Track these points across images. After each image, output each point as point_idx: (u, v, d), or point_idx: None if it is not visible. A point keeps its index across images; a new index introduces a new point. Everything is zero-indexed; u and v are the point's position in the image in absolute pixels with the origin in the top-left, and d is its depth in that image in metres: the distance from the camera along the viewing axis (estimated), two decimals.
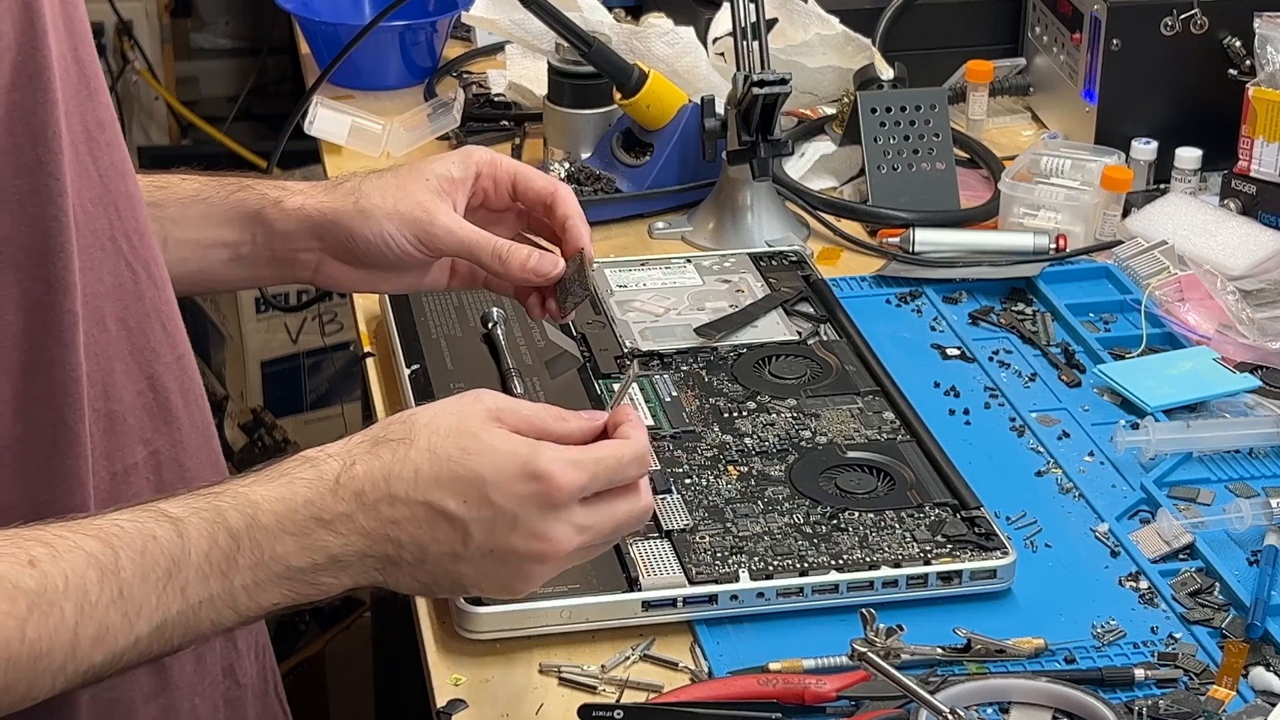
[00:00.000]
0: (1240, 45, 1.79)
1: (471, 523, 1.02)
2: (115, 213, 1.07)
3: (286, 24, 2.94)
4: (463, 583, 1.05)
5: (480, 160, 1.29)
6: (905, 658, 1.15)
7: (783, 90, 1.64)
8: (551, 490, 1.02)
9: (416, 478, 1.02)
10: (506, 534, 1.02)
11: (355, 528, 1.01)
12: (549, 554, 1.04)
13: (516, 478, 1.02)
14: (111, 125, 1.07)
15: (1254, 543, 1.29)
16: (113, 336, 1.07)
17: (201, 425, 1.14)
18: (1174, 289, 1.60)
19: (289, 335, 3.16)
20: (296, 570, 1.00)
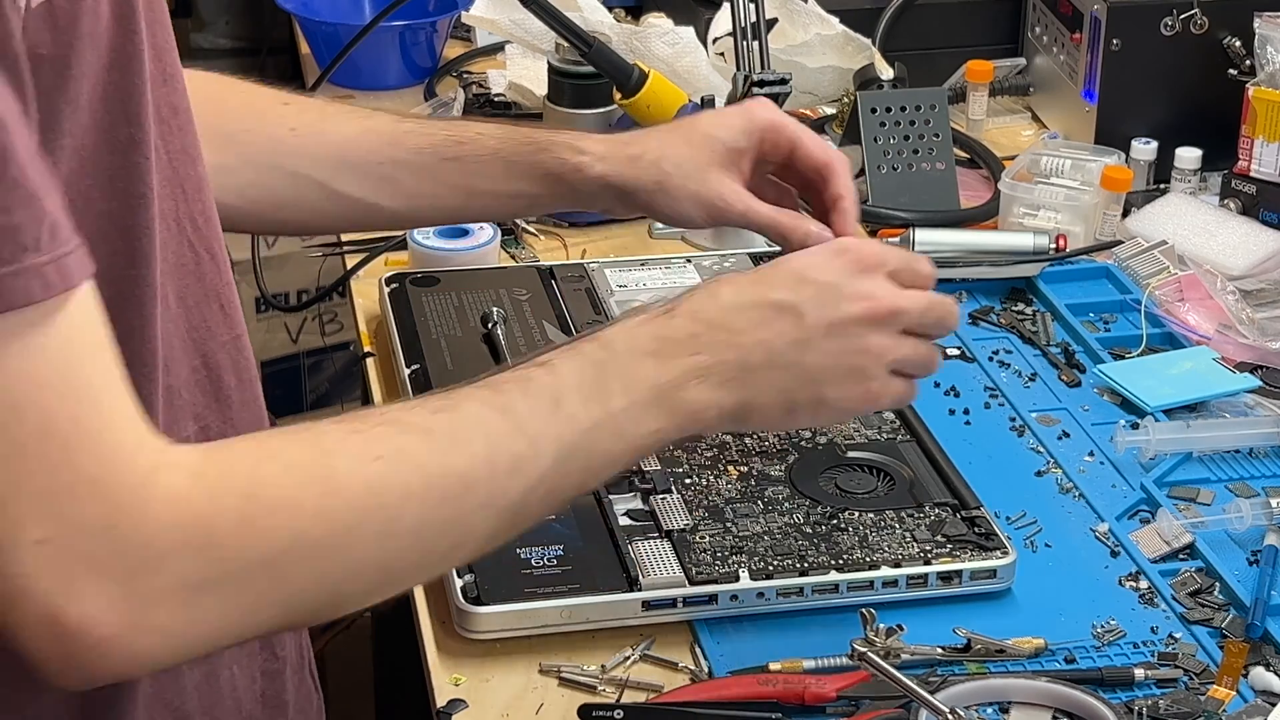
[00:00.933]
0: (1240, 45, 1.79)
1: (802, 303, 1.08)
2: (182, 195, 1.09)
3: (286, 24, 2.94)
4: (817, 380, 1.08)
5: (763, 125, 1.33)
6: (905, 658, 1.15)
7: (783, 90, 1.64)
8: (860, 256, 1.10)
9: (738, 289, 1.09)
10: (835, 303, 1.08)
11: (701, 342, 1.06)
12: (877, 309, 1.09)
13: (825, 255, 1.11)
14: (185, 111, 1.09)
15: (1254, 543, 1.29)
16: (173, 314, 1.09)
17: (253, 405, 1.15)
18: (1174, 289, 1.60)
19: (289, 335, 3.16)
20: (663, 389, 1.04)
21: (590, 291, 1.57)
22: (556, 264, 1.63)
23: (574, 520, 1.26)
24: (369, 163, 1.36)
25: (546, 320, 1.50)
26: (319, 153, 1.37)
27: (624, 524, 1.26)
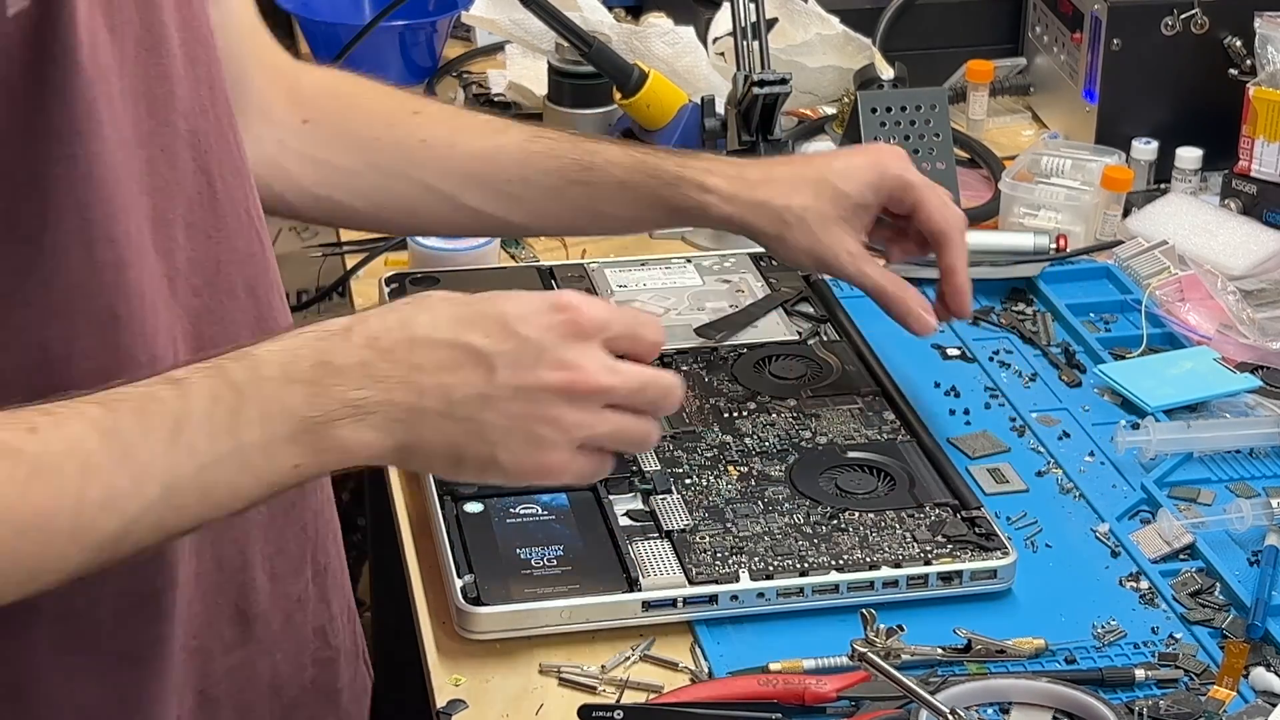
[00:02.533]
0: (1240, 45, 1.79)
1: (497, 356, 0.98)
2: (249, 186, 1.11)
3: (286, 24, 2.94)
4: (490, 439, 0.99)
5: (892, 185, 1.35)
6: (905, 658, 1.15)
7: (783, 90, 1.64)
8: (578, 318, 1.00)
9: (435, 319, 0.99)
10: (533, 365, 0.99)
11: (372, 374, 0.97)
12: (576, 384, 1.00)
13: (541, 310, 1.01)
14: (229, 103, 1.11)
15: (1254, 543, 1.29)
16: (242, 304, 1.09)
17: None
18: (1174, 289, 1.60)
19: None
20: (310, 422, 0.95)
21: (590, 291, 1.56)
22: (556, 264, 1.62)
23: (574, 520, 1.26)
24: (497, 180, 1.37)
25: None
26: (448, 166, 1.37)
27: (624, 524, 1.26)
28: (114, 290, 0.98)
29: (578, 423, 1.01)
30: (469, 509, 1.26)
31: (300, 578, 1.20)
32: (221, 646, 1.14)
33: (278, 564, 1.17)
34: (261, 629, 1.16)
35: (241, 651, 1.16)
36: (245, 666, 1.16)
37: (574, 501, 1.28)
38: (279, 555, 1.17)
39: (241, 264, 1.09)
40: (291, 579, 1.19)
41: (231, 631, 1.14)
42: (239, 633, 1.15)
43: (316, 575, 1.22)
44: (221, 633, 1.13)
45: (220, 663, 1.14)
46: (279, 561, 1.17)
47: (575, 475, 1.03)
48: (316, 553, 1.22)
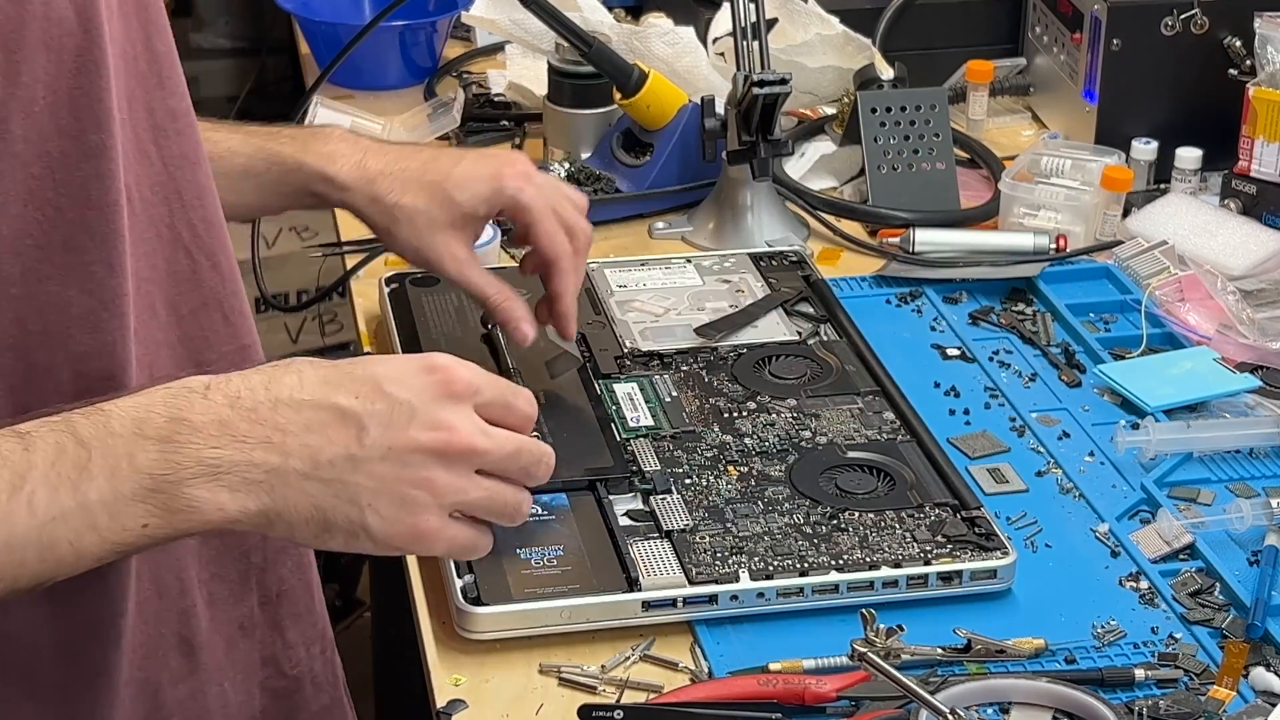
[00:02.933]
0: (1240, 45, 1.79)
1: (367, 416, 0.96)
2: (179, 201, 1.07)
3: (286, 24, 2.94)
4: (360, 503, 0.97)
5: (505, 204, 1.35)
6: (905, 658, 1.15)
7: (783, 90, 1.64)
8: (450, 379, 0.99)
9: (302, 381, 0.97)
10: (405, 425, 0.97)
11: (230, 431, 0.94)
12: (452, 445, 0.99)
13: (413, 371, 0.99)
14: (185, 115, 1.08)
15: (1254, 543, 1.29)
16: (162, 323, 1.07)
17: None
18: (1174, 289, 1.60)
19: (289, 335, 3.16)
20: (162, 481, 0.92)
21: (590, 291, 1.57)
22: None
23: (574, 520, 1.26)
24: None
25: None
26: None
27: (624, 524, 1.26)
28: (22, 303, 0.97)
29: (450, 486, 0.99)
30: None
31: (243, 604, 1.18)
32: (169, 677, 1.12)
33: (215, 589, 1.15)
34: (206, 656, 1.14)
35: (191, 681, 1.14)
36: (195, 697, 1.14)
37: (574, 501, 1.28)
38: (215, 580, 1.15)
39: (161, 282, 1.06)
40: (231, 604, 1.17)
41: (178, 661, 1.12)
42: (185, 662, 1.13)
43: (265, 602, 1.20)
44: (168, 662, 1.11)
45: (170, 694, 1.12)
46: (216, 586, 1.15)
47: (448, 545, 1.02)
48: (266, 579, 1.20)
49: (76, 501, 0.91)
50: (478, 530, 1.04)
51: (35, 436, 0.92)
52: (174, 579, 1.11)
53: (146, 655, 1.10)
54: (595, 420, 1.37)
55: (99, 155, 0.97)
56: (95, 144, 0.97)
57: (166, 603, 1.11)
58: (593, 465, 1.31)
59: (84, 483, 0.91)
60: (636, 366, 1.46)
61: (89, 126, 0.97)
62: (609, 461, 1.32)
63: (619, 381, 1.43)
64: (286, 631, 1.23)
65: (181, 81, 1.08)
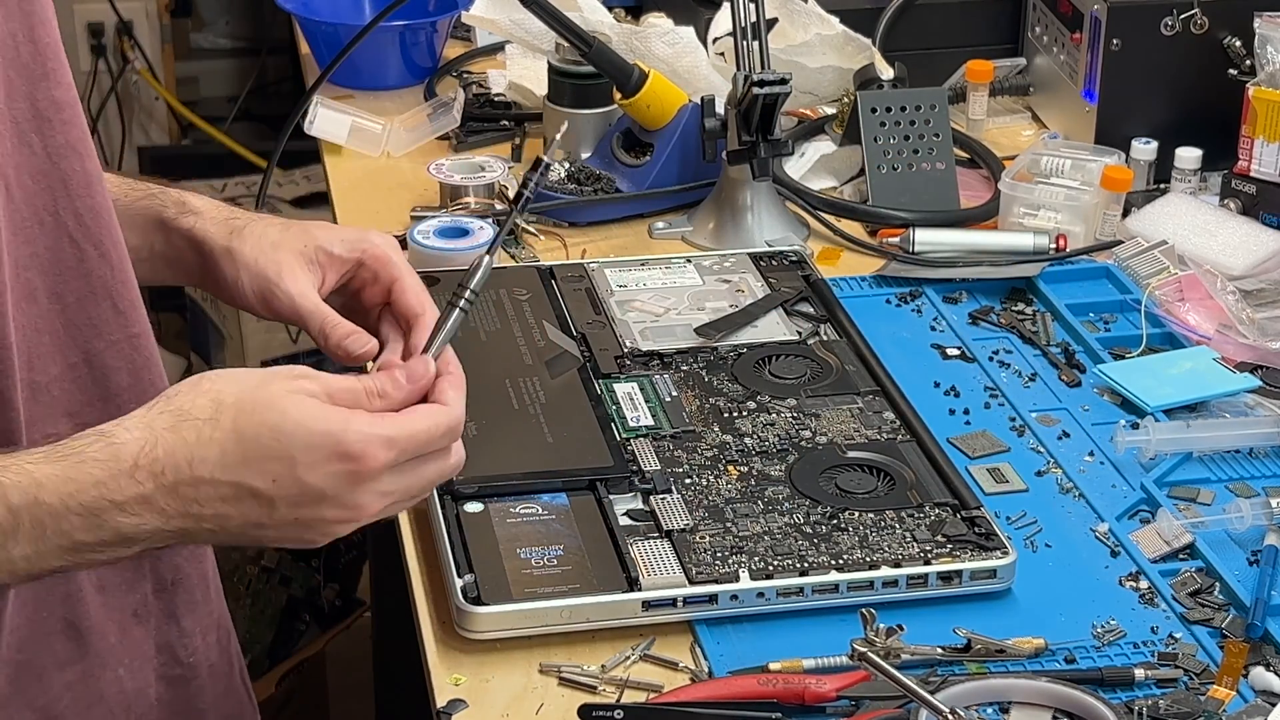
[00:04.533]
0: (1240, 45, 1.79)
1: (279, 499, 1.02)
2: (63, 190, 1.09)
3: (286, 24, 2.94)
4: (263, 539, 1.05)
5: (369, 252, 1.24)
6: (905, 658, 1.15)
7: (783, 90, 1.64)
8: (361, 469, 1.02)
9: (223, 458, 1.01)
10: (314, 506, 1.02)
11: (153, 508, 1.00)
12: (356, 519, 1.04)
13: (327, 458, 1.02)
14: (70, 106, 1.08)
15: (1254, 543, 1.29)
16: (43, 310, 1.09)
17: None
18: (1174, 289, 1.60)
19: (289, 335, 3.16)
20: (82, 544, 1.00)
21: (590, 291, 1.57)
22: (556, 264, 1.63)
23: (574, 520, 1.26)
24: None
25: (546, 320, 1.50)
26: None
27: (624, 524, 1.26)
28: None
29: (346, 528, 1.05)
30: (469, 509, 1.26)
31: (136, 591, 1.21)
32: (54, 661, 1.14)
33: (105, 575, 1.18)
34: (98, 641, 1.17)
35: (79, 666, 1.16)
36: (86, 681, 1.17)
37: (574, 501, 1.28)
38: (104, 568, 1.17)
39: (44, 270, 1.08)
40: (124, 591, 1.20)
41: (64, 646, 1.15)
42: (73, 647, 1.15)
43: (160, 590, 1.23)
44: (53, 647, 1.14)
45: (56, 679, 1.15)
46: (106, 573, 1.18)
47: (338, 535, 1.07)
48: (159, 567, 1.23)
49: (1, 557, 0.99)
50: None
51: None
52: None
53: (27, 638, 1.13)
54: (595, 420, 1.37)
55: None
56: None
57: (46, 587, 1.14)
58: (593, 465, 1.31)
59: (9, 544, 0.98)
60: (636, 366, 1.46)
61: None
62: (609, 461, 1.32)
63: (619, 381, 1.43)
64: (182, 619, 1.25)
65: (67, 73, 1.09)
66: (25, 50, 1.04)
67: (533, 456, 1.32)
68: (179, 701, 1.26)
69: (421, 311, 1.21)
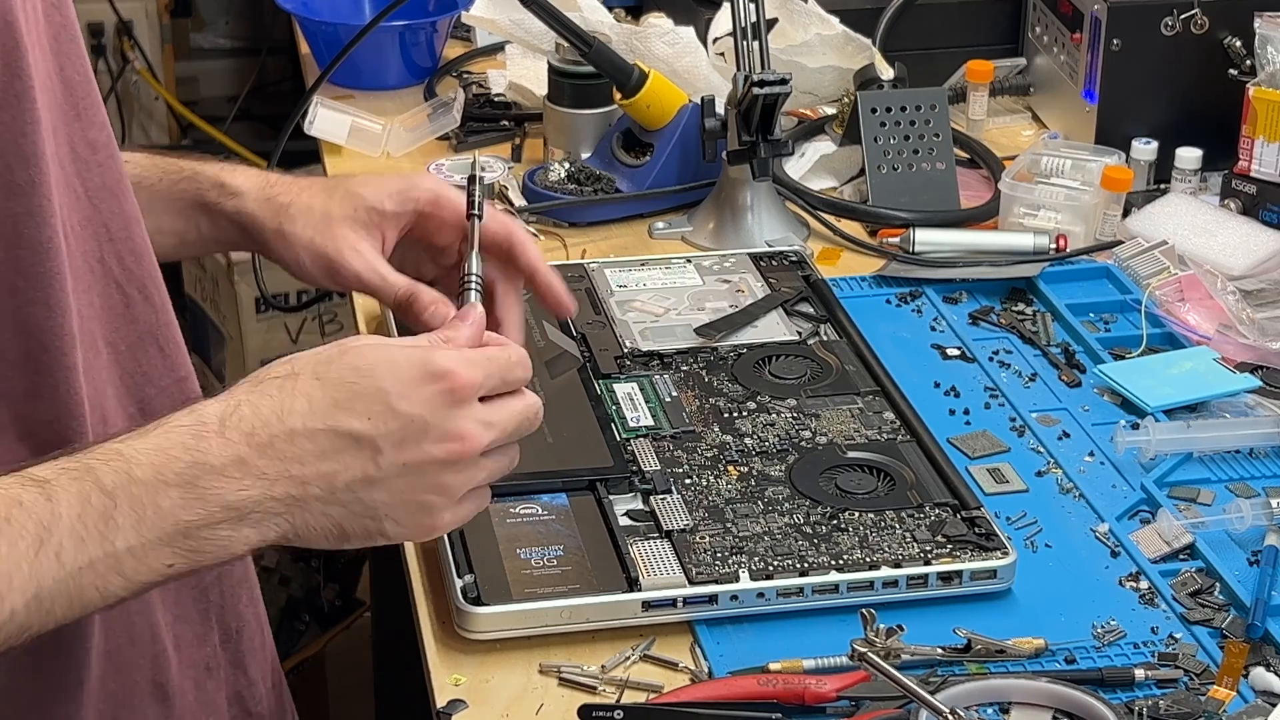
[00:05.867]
0: (1240, 45, 1.79)
1: (381, 438, 0.97)
2: (106, 234, 1.06)
3: (286, 24, 2.94)
4: (378, 514, 0.99)
5: (423, 199, 1.24)
6: (905, 658, 1.15)
7: (783, 90, 1.64)
8: (455, 386, 0.99)
9: (312, 406, 0.97)
10: (418, 441, 0.98)
11: (250, 471, 0.94)
12: (464, 453, 1.00)
13: (418, 380, 0.99)
14: (106, 146, 1.05)
15: (1254, 543, 1.29)
16: (104, 360, 1.06)
17: None
18: (1174, 289, 1.60)
19: (289, 335, 3.16)
20: (187, 526, 0.93)
21: (590, 291, 1.57)
22: (556, 264, 1.62)
23: (574, 520, 1.26)
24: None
25: (546, 320, 1.50)
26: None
27: (624, 524, 1.26)
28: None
29: (462, 483, 1.02)
30: None
31: (206, 644, 1.18)
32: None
33: (179, 631, 1.15)
34: (179, 701, 1.14)
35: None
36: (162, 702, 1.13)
37: (574, 501, 1.28)
38: (179, 622, 1.15)
39: (98, 319, 1.05)
40: (196, 645, 1.17)
41: (154, 708, 1.12)
42: (160, 709, 1.12)
43: (226, 640, 1.20)
44: (145, 711, 1.11)
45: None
46: (180, 628, 1.15)
47: (458, 523, 1.04)
48: (225, 616, 1.20)
49: (104, 551, 0.91)
50: (478, 497, 1.05)
51: (56, 486, 0.91)
52: (145, 625, 1.11)
53: (120, 706, 1.09)
54: (595, 420, 1.37)
55: (29, 192, 0.96)
56: (24, 181, 0.96)
57: (139, 650, 1.11)
58: (593, 465, 1.31)
59: (111, 533, 0.91)
60: (636, 366, 1.46)
61: (15, 163, 0.95)
62: (609, 461, 1.32)
63: (619, 381, 1.43)
64: (249, 668, 1.23)
65: (100, 111, 1.05)
66: (58, 91, 1.01)
67: (533, 456, 1.31)
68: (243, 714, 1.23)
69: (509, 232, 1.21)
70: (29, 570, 0.89)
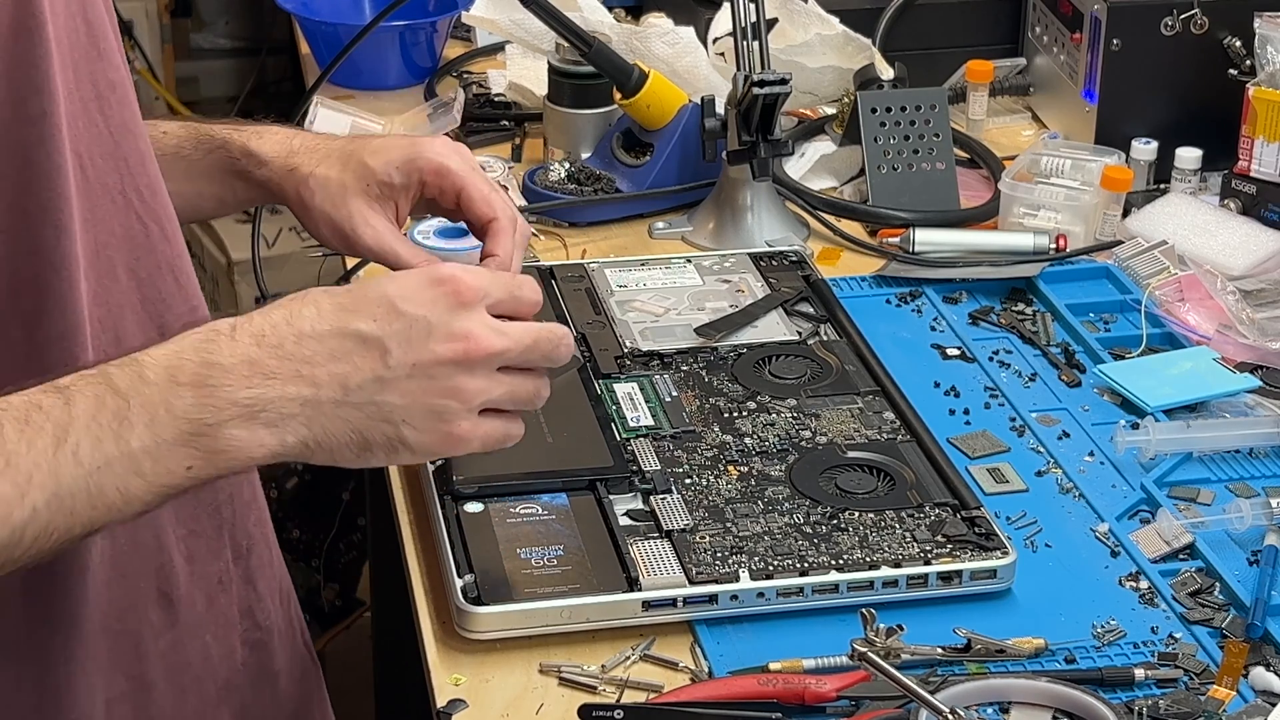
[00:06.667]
0: (1240, 45, 1.79)
1: (388, 338, 1.00)
2: (126, 168, 1.10)
3: (286, 24, 2.94)
4: (394, 420, 1.01)
5: (426, 169, 1.27)
6: (905, 658, 1.15)
7: (783, 90, 1.64)
8: (459, 289, 1.02)
9: (319, 311, 1.00)
10: (424, 341, 1.01)
11: (261, 370, 0.98)
12: (472, 353, 1.02)
13: (422, 285, 1.02)
14: (123, 85, 1.10)
15: (1254, 543, 1.29)
16: (123, 286, 1.10)
17: None
18: (1174, 289, 1.60)
19: None
20: (201, 425, 0.96)
21: (590, 291, 1.57)
22: (556, 264, 1.62)
23: (574, 520, 1.26)
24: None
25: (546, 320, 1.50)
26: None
27: (624, 524, 1.26)
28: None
29: (476, 390, 1.03)
30: (469, 509, 1.26)
31: (219, 559, 1.22)
32: (151, 630, 1.16)
33: (192, 545, 1.19)
34: (186, 611, 1.18)
35: (171, 634, 1.17)
36: (177, 649, 1.18)
37: (574, 501, 1.28)
38: (192, 537, 1.19)
39: (120, 247, 1.10)
40: (209, 560, 1.21)
41: (158, 614, 1.16)
42: (165, 615, 1.16)
43: (238, 557, 1.24)
44: (148, 616, 1.15)
45: (152, 646, 1.16)
46: (193, 543, 1.19)
47: (482, 441, 1.05)
48: (235, 534, 1.24)
49: (120, 450, 0.95)
50: (507, 421, 1.07)
51: (74, 390, 0.95)
52: (150, 536, 1.15)
53: (125, 609, 1.13)
54: (595, 420, 1.37)
55: (40, 121, 1.00)
56: (35, 111, 1.00)
57: (143, 558, 1.14)
58: (593, 465, 1.31)
59: (125, 432, 0.95)
60: (636, 366, 1.46)
61: (28, 94, 1.00)
62: (609, 461, 1.32)
63: (619, 381, 1.43)
64: (257, 584, 1.26)
65: (118, 52, 1.10)
66: (82, 30, 1.06)
67: (533, 456, 1.32)
68: (257, 665, 1.27)
69: (492, 214, 1.25)
70: (48, 468, 0.93)
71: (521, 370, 1.06)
